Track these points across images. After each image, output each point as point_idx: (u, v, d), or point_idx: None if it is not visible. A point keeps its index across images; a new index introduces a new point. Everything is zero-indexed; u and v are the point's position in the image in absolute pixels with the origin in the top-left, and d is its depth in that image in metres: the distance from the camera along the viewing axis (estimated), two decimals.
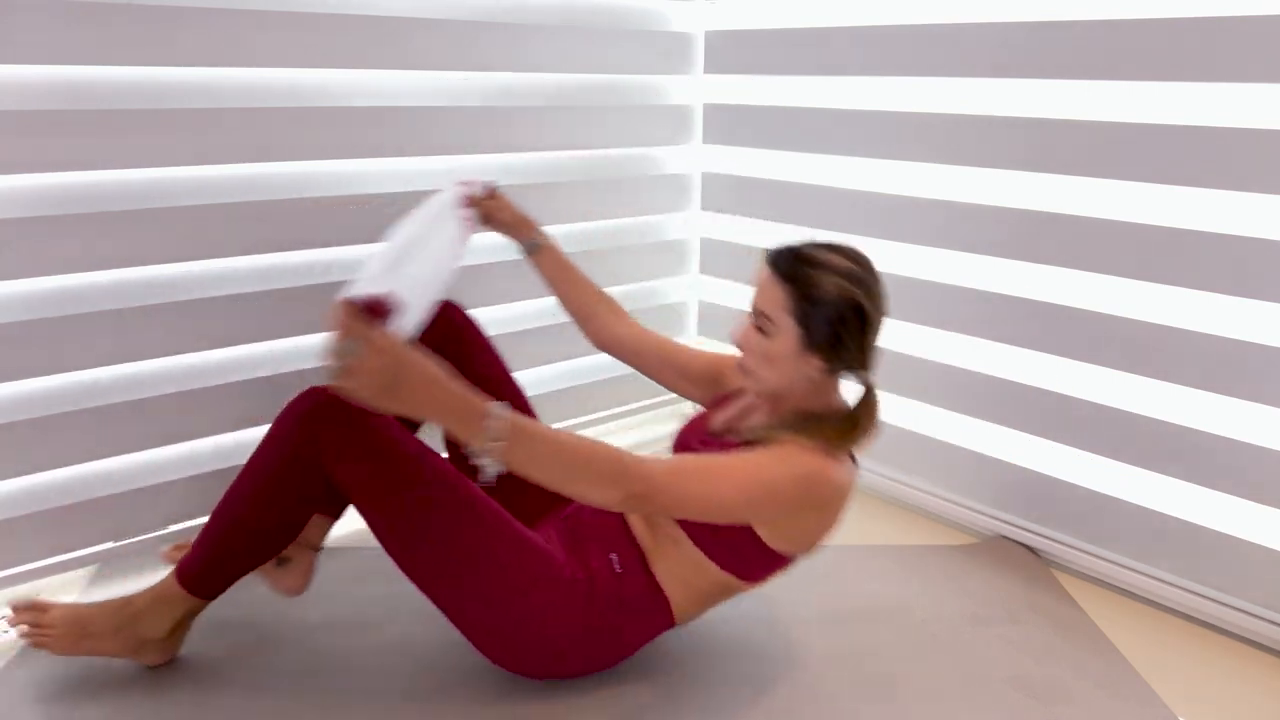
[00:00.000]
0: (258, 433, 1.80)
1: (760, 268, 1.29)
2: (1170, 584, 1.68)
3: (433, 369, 1.05)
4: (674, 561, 1.35)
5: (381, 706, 1.36)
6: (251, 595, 1.65)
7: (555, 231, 2.14)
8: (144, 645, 1.39)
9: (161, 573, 1.41)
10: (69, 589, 1.66)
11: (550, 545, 1.37)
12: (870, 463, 2.13)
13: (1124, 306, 1.68)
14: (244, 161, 1.67)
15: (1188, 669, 1.52)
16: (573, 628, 1.34)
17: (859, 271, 1.27)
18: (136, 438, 1.67)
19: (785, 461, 1.23)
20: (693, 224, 2.45)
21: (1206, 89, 1.53)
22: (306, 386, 1.34)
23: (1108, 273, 1.68)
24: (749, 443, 1.29)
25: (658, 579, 1.36)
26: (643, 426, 2.42)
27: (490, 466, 1.08)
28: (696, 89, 2.35)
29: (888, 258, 2.04)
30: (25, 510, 1.59)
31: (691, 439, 1.44)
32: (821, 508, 1.28)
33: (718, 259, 2.43)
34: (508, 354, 2.10)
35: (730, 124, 2.32)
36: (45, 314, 1.53)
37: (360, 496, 1.30)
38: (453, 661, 1.46)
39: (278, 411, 1.80)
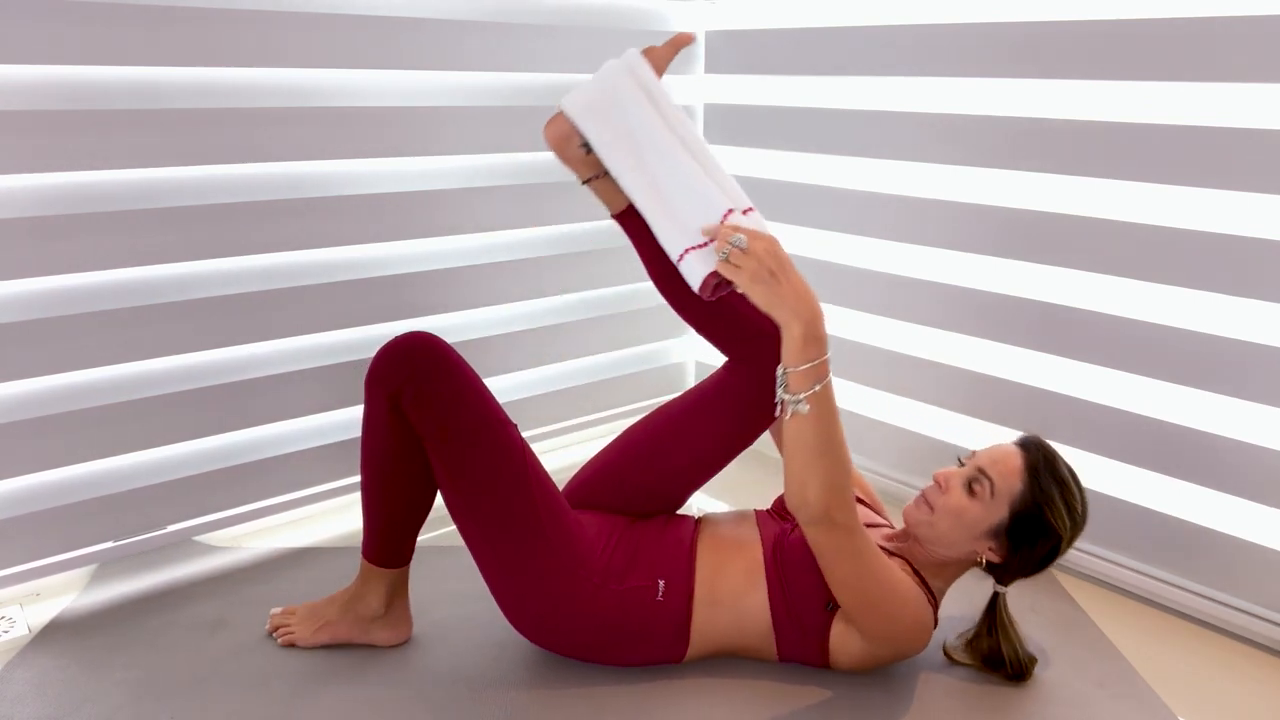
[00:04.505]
0: (258, 432, 1.82)
1: (1009, 444, 1.36)
2: (1170, 584, 1.68)
3: (804, 280, 1.15)
4: (722, 610, 1.38)
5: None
6: (276, 595, 1.65)
7: (555, 232, 2.17)
8: (370, 624, 1.48)
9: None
10: (69, 589, 1.67)
11: (599, 539, 1.40)
12: (869, 462, 2.13)
13: (1124, 306, 1.68)
14: (244, 161, 1.67)
15: (1188, 669, 1.52)
16: (584, 622, 1.36)
17: (1081, 520, 1.35)
18: (136, 438, 1.67)
19: (915, 599, 1.31)
20: None
21: (1206, 89, 1.53)
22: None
23: (1107, 273, 1.68)
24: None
25: (692, 619, 1.38)
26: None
27: (792, 402, 1.14)
28: (696, 89, 2.35)
29: (888, 258, 2.04)
30: (25, 510, 1.59)
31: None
32: (896, 652, 1.36)
33: None
34: (498, 356, 2.11)
35: (730, 124, 2.32)
36: (45, 314, 1.53)
37: (429, 438, 1.34)
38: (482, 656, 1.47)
39: (278, 411, 1.82)
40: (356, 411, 1.91)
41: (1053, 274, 1.77)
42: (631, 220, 1.39)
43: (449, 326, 2.01)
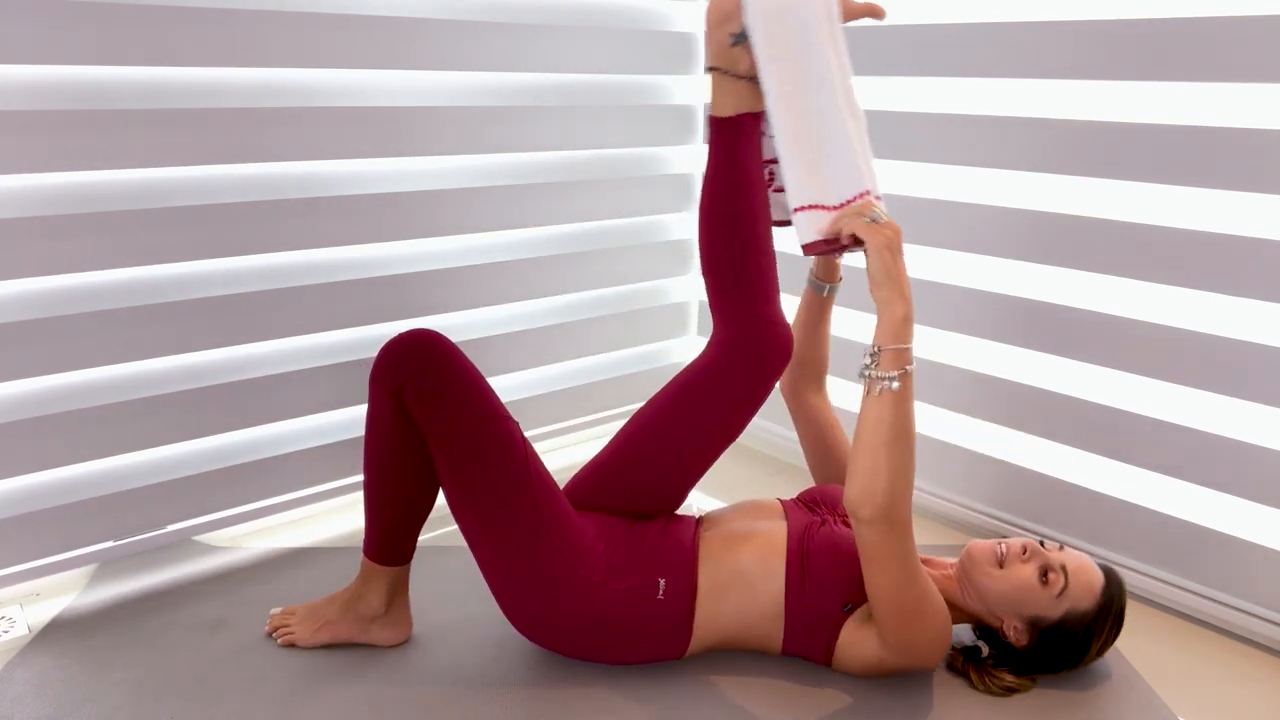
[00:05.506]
0: (258, 432, 1.82)
1: (1096, 570, 1.38)
2: (1170, 584, 1.68)
3: None
4: (730, 597, 1.38)
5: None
6: (271, 595, 1.65)
7: (555, 232, 2.17)
8: (370, 624, 1.48)
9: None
10: (69, 589, 1.67)
11: (599, 538, 1.40)
12: None
13: (1124, 306, 1.68)
14: (244, 161, 1.67)
15: (1188, 669, 1.52)
16: (584, 620, 1.36)
17: (1103, 657, 1.43)
18: (136, 438, 1.67)
19: (945, 613, 1.33)
20: (693, 223, 2.45)
21: (1206, 89, 1.53)
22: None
23: (1108, 273, 1.68)
24: None
25: (695, 615, 1.38)
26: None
27: (882, 378, 1.20)
28: (697, 89, 2.35)
29: None
30: (25, 510, 1.59)
31: (821, 497, 1.55)
32: (908, 665, 1.36)
33: None
34: (498, 356, 2.12)
35: None
36: (45, 314, 1.53)
37: (432, 434, 1.35)
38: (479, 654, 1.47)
39: (278, 411, 1.82)
40: (356, 411, 1.91)
41: (1053, 274, 1.77)
42: (729, 130, 1.35)
43: (449, 326, 2.01)
